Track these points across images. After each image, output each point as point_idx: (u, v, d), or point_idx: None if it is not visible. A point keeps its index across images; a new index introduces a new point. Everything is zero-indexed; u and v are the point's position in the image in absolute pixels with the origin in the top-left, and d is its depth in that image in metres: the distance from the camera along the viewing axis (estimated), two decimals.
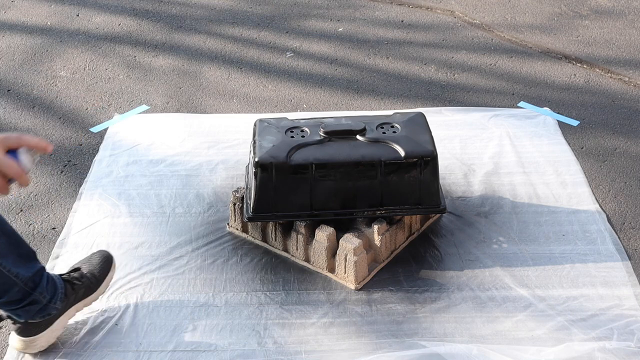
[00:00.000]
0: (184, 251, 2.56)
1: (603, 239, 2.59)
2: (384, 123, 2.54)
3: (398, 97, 3.44)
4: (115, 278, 2.44)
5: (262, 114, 3.20)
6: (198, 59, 3.74)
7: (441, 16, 4.13)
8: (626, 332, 2.23)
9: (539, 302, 2.34)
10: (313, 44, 3.87)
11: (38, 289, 2.04)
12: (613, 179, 2.90)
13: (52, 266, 2.49)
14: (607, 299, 2.35)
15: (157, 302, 2.36)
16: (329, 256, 2.43)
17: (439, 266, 2.50)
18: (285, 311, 2.33)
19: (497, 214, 2.71)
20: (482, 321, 2.28)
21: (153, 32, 3.98)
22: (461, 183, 2.87)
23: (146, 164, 2.98)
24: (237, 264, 2.51)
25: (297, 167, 2.40)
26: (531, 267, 2.48)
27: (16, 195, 2.85)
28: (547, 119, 3.24)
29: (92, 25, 4.05)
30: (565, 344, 2.18)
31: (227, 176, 2.91)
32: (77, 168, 2.99)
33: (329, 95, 3.45)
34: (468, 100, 3.42)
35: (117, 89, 3.50)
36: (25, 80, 3.56)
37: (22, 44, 3.87)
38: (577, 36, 3.89)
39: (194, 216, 2.72)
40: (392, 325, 2.28)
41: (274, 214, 2.45)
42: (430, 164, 2.43)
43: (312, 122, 2.56)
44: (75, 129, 3.22)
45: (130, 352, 2.20)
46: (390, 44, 3.87)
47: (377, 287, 2.41)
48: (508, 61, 3.70)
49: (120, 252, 2.55)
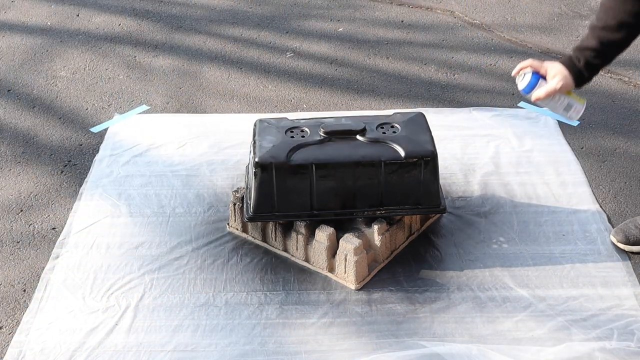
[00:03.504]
0: (184, 251, 2.56)
1: (603, 239, 2.59)
2: (384, 123, 2.54)
3: (398, 97, 3.44)
4: (115, 278, 2.44)
5: (262, 114, 3.20)
6: (198, 59, 3.74)
7: (441, 16, 4.13)
8: (626, 332, 2.23)
9: (539, 302, 2.34)
10: (313, 44, 3.87)
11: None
12: (613, 179, 2.90)
13: (52, 266, 2.50)
14: (607, 299, 2.35)
15: (157, 302, 2.36)
16: (329, 256, 2.43)
17: (439, 266, 2.50)
18: (285, 311, 2.33)
19: (497, 214, 2.71)
20: (482, 321, 2.28)
21: (153, 32, 3.98)
22: (461, 183, 2.87)
23: (146, 164, 2.98)
24: (237, 264, 2.51)
25: (297, 167, 2.40)
26: (531, 267, 2.48)
27: (16, 195, 2.85)
28: (547, 119, 3.24)
29: (92, 25, 4.05)
30: (565, 344, 2.18)
31: (227, 176, 2.91)
32: (77, 168, 2.99)
33: (329, 95, 3.45)
34: (468, 100, 3.42)
35: (117, 89, 3.50)
36: (25, 80, 3.56)
37: (22, 44, 3.87)
38: (577, 36, 3.89)
39: (194, 216, 2.72)
40: (392, 325, 2.28)
41: (274, 214, 2.45)
42: (430, 164, 2.43)
43: (312, 122, 2.56)
44: (75, 129, 3.22)
45: (130, 352, 2.20)
46: (390, 44, 3.87)
47: (377, 287, 2.41)
48: (508, 61, 3.70)
49: (120, 252, 2.55)
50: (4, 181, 2.92)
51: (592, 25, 2.20)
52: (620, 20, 2.14)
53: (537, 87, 2.23)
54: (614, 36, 2.16)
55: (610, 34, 2.16)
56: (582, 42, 2.21)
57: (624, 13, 2.14)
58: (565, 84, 2.21)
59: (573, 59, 2.21)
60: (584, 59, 2.19)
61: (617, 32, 2.16)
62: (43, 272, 2.48)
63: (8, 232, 2.67)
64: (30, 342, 2.23)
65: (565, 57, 2.23)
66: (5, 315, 2.35)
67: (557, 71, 2.22)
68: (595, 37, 2.18)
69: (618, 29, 2.15)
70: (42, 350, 2.20)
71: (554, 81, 2.21)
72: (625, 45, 2.20)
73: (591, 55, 2.18)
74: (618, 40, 2.17)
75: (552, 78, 2.22)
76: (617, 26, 2.15)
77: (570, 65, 2.21)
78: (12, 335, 2.26)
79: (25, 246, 2.61)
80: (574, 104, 2.27)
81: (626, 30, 2.16)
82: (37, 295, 2.39)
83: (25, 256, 2.57)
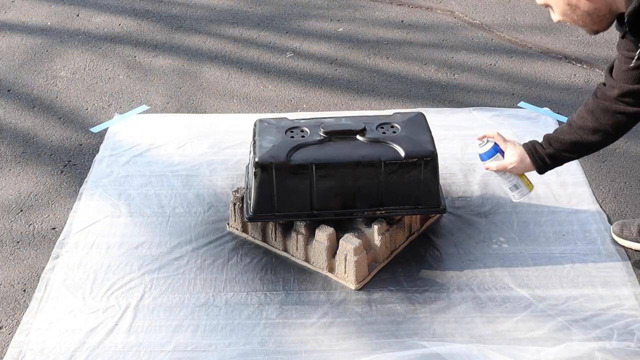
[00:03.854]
0: (184, 251, 2.56)
1: (603, 239, 2.59)
2: (384, 123, 2.54)
3: (398, 97, 3.44)
4: (115, 278, 2.44)
5: (262, 114, 3.20)
6: (198, 59, 3.74)
7: (441, 16, 4.13)
8: (626, 332, 2.23)
9: (539, 302, 2.34)
10: (313, 44, 3.87)
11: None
12: (613, 179, 2.90)
13: (52, 266, 2.50)
14: (607, 299, 2.35)
15: (157, 302, 2.36)
16: (329, 256, 2.43)
17: (439, 266, 2.50)
18: (285, 311, 2.33)
19: (497, 214, 2.71)
20: (482, 321, 2.28)
21: (153, 32, 3.98)
22: (461, 183, 2.87)
23: (146, 163, 2.98)
24: (237, 264, 2.51)
25: (297, 167, 2.40)
26: (531, 267, 2.48)
27: (16, 195, 2.85)
28: (547, 119, 3.24)
29: (92, 25, 4.05)
30: (565, 344, 2.18)
31: (227, 176, 2.91)
32: (77, 168, 2.99)
33: (329, 95, 3.45)
34: (468, 100, 3.42)
35: (117, 89, 3.50)
36: (25, 80, 3.56)
37: (22, 44, 3.87)
38: (577, 36, 3.89)
39: (194, 216, 2.72)
40: (392, 325, 2.28)
41: (274, 214, 2.45)
42: (430, 164, 2.43)
43: (312, 122, 2.56)
44: (75, 129, 3.22)
45: (130, 352, 2.20)
46: (390, 44, 3.87)
47: (377, 287, 2.41)
48: (508, 61, 3.70)
49: (120, 252, 2.55)
50: (4, 181, 2.92)
51: (571, 120, 2.27)
52: (598, 126, 2.20)
53: (493, 159, 2.35)
54: (589, 138, 2.23)
55: (585, 135, 2.22)
56: (555, 133, 2.29)
57: (603, 121, 2.20)
58: (518, 167, 2.32)
59: (537, 146, 2.29)
60: (553, 149, 2.26)
61: (593, 135, 2.22)
62: (43, 272, 2.48)
63: (8, 232, 2.67)
64: (30, 342, 2.23)
65: (530, 142, 2.31)
66: (5, 315, 2.35)
67: (514, 153, 2.32)
68: (571, 133, 2.24)
69: (594, 132, 2.22)
70: (42, 350, 2.20)
71: (509, 161, 2.32)
72: (597, 148, 2.28)
73: (561, 148, 2.26)
74: (592, 142, 2.24)
75: (508, 157, 2.32)
76: (594, 130, 2.21)
77: (532, 152, 2.29)
78: (12, 335, 2.26)
79: (25, 246, 2.61)
80: (521, 187, 2.38)
81: (603, 136, 2.22)
82: (37, 295, 2.39)
83: (25, 256, 2.57)
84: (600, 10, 2.01)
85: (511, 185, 2.38)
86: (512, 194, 2.40)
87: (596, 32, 2.09)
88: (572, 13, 2.04)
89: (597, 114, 2.19)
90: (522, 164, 2.31)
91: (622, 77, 2.14)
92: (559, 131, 2.28)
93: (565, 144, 2.25)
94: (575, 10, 2.03)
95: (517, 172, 2.35)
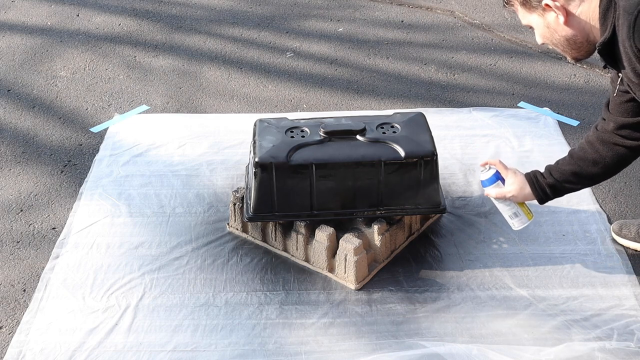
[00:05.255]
0: (184, 251, 2.56)
1: (603, 239, 2.59)
2: (384, 123, 2.54)
3: (398, 97, 3.44)
4: (115, 278, 2.44)
5: (262, 114, 3.20)
6: (198, 59, 3.75)
7: (441, 16, 4.13)
8: (626, 332, 2.23)
9: (539, 302, 2.34)
10: (313, 44, 3.87)
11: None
12: (613, 179, 2.88)
13: (52, 266, 2.50)
14: (607, 299, 2.35)
15: (157, 302, 2.36)
16: (329, 256, 2.43)
17: (439, 266, 2.50)
18: (285, 311, 2.33)
19: (497, 214, 2.70)
20: (482, 321, 2.28)
21: (153, 32, 3.98)
22: (461, 183, 2.87)
23: (146, 163, 2.98)
24: (237, 264, 2.51)
25: (297, 167, 2.40)
26: (531, 267, 2.48)
27: (16, 195, 2.85)
28: (547, 119, 3.24)
29: (92, 25, 4.05)
30: (565, 344, 2.18)
31: (227, 176, 2.91)
32: (77, 168, 2.99)
33: (329, 95, 3.45)
34: (468, 100, 3.42)
35: (117, 89, 3.50)
36: (25, 80, 3.56)
37: (22, 44, 3.87)
38: None
39: (194, 216, 2.72)
40: (392, 326, 2.27)
41: (274, 214, 2.45)
42: (430, 164, 2.43)
43: (312, 122, 2.56)
44: (75, 129, 3.22)
45: (130, 352, 2.20)
46: (390, 44, 3.88)
47: (377, 287, 2.41)
48: (508, 61, 3.70)
49: (120, 252, 2.55)
50: (4, 181, 2.92)
51: (572, 152, 2.29)
52: (598, 158, 2.22)
53: (493, 186, 2.36)
54: (589, 169, 2.24)
55: (586, 166, 2.24)
56: (557, 164, 2.30)
57: (602, 153, 2.22)
58: (517, 196, 2.33)
59: (538, 176, 2.30)
60: (554, 180, 2.28)
61: (593, 167, 2.24)
62: (43, 272, 2.48)
63: (8, 232, 2.67)
64: (30, 342, 2.23)
65: (532, 172, 2.33)
66: (5, 315, 2.35)
67: (514, 181, 2.33)
68: (572, 163, 2.26)
69: (594, 164, 2.24)
70: (42, 350, 2.20)
71: (508, 189, 2.33)
72: (598, 180, 2.31)
73: (562, 179, 2.27)
74: (592, 174, 2.26)
75: (508, 185, 2.33)
76: (594, 162, 2.23)
77: (533, 181, 2.31)
78: (12, 335, 2.26)
79: (25, 246, 2.61)
80: (521, 216, 2.39)
81: (602, 168, 2.24)
82: (37, 295, 2.39)
83: (25, 256, 2.57)
84: (577, 37, 2.03)
85: (511, 213, 2.38)
86: (511, 222, 2.40)
87: (576, 59, 2.11)
88: (551, 37, 2.07)
89: (597, 145, 2.22)
90: (522, 193, 2.32)
91: (616, 110, 2.19)
92: (560, 162, 2.30)
93: (565, 175, 2.26)
94: (554, 34, 2.05)
95: (516, 201, 2.36)
